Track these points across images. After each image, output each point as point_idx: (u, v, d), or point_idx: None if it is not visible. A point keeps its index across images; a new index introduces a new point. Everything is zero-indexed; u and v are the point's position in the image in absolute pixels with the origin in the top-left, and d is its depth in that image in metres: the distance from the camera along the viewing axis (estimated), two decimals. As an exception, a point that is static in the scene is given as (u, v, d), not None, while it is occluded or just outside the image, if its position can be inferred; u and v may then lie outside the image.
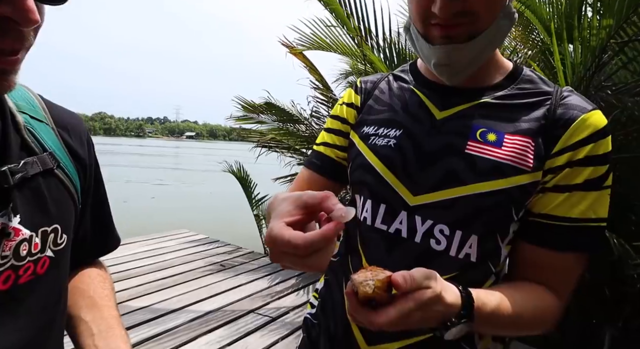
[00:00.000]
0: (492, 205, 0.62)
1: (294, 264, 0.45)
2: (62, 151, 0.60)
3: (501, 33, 0.63)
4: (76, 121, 0.66)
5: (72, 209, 0.60)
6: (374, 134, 0.73)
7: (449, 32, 0.60)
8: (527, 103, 0.66)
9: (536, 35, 3.34)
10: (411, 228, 0.66)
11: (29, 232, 0.51)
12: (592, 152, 0.60)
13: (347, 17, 2.72)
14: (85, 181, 0.65)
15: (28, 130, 0.55)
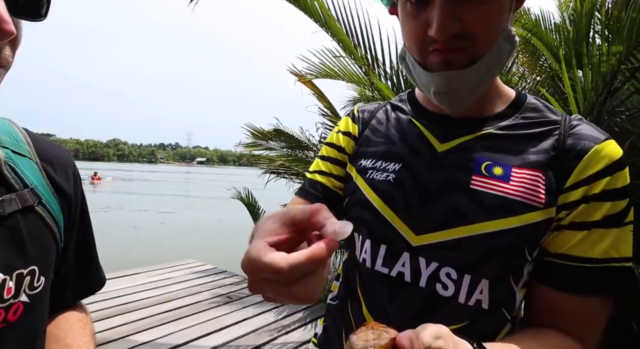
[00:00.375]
0: (502, 246, 0.56)
1: (277, 294, 0.36)
2: (46, 186, 0.57)
3: (503, 57, 0.59)
4: (62, 154, 0.64)
5: (52, 249, 0.57)
6: (371, 167, 0.69)
7: (448, 57, 0.56)
8: (534, 133, 0.61)
9: (544, 61, 3.35)
10: (415, 271, 0.60)
11: (2, 276, 0.48)
12: (610, 186, 0.55)
13: (355, 47, 2.76)
14: (70, 217, 0.62)
15: (9, 165, 0.53)
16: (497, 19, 0.55)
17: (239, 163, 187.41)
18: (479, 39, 0.55)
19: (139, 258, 5.34)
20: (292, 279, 0.34)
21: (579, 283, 0.56)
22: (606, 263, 0.55)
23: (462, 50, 0.56)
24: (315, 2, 2.63)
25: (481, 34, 0.55)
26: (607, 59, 1.81)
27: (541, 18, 3.38)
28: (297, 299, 0.36)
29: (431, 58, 0.58)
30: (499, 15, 0.55)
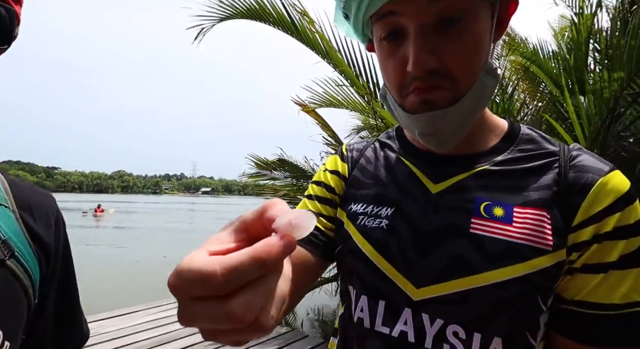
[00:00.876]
0: (512, 297, 0.50)
1: (211, 318, 0.26)
2: (21, 236, 0.53)
3: (486, 92, 0.55)
4: (42, 200, 0.60)
5: (23, 308, 0.52)
6: (362, 213, 0.63)
7: (428, 96, 0.52)
8: (532, 167, 0.56)
9: (544, 87, 3.39)
10: (419, 329, 0.54)
11: None
12: (622, 223, 0.49)
13: (357, 77, 2.82)
14: (48, 268, 0.57)
15: None
16: (475, 53, 0.52)
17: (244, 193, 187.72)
18: (458, 75, 0.51)
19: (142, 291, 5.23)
20: (228, 288, 0.25)
21: (602, 333, 0.50)
22: (630, 308, 0.49)
23: (443, 89, 0.52)
24: (316, 35, 2.72)
25: (460, 69, 0.51)
26: (608, 85, 1.83)
27: (539, 47, 3.46)
28: (236, 321, 0.25)
29: (410, 99, 0.54)
30: (477, 48, 0.52)
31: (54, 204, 0.61)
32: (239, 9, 2.73)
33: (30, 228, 0.54)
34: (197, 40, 2.79)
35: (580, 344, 0.51)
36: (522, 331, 0.52)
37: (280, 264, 0.28)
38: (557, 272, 0.51)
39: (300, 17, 2.68)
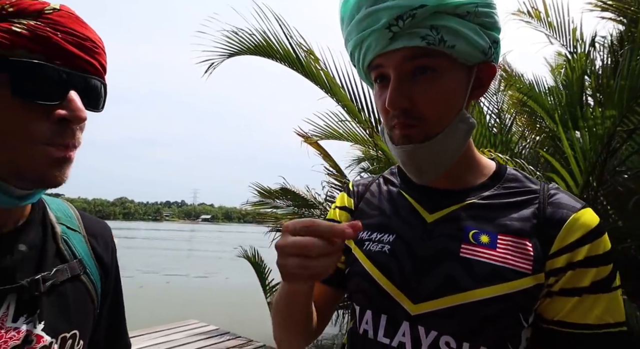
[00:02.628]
0: (497, 312, 0.57)
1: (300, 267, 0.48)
2: (90, 257, 0.64)
3: (458, 137, 0.63)
4: (103, 227, 0.72)
5: (91, 314, 0.63)
6: (368, 239, 0.71)
7: (406, 131, 0.61)
8: (515, 202, 0.65)
9: (542, 121, 3.48)
10: (415, 340, 0.61)
11: (50, 339, 0.54)
12: (592, 253, 0.57)
13: (359, 111, 2.91)
14: (106, 284, 0.68)
15: (63, 239, 0.61)
16: (446, 99, 0.60)
17: (243, 220, 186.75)
18: (428, 116, 0.59)
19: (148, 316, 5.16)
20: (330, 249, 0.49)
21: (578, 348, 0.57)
22: (603, 329, 0.56)
23: (415, 127, 0.60)
24: (321, 72, 2.84)
25: (429, 111, 0.59)
26: (602, 121, 1.89)
27: (535, 82, 3.58)
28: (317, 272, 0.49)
29: (395, 132, 0.63)
30: (448, 96, 0.60)
31: (110, 232, 0.73)
32: (248, 46, 2.86)
33: (96, 251, 0.66)
34: (207, 73, 2.90)
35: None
36: (505, 343, 0.59)
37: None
38: (536, 293, 0.58)
39: (306, 55, 2.80)
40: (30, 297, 0.53)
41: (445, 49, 0.57)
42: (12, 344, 0.50)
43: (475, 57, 0.60)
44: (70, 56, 0.49)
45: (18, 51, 0.46)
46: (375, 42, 0.58)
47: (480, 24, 0.58)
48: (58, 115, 0.48)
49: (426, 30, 0.56)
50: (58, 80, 0.48)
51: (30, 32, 0.46)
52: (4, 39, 0.45)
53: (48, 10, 0.48)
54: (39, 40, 0.47)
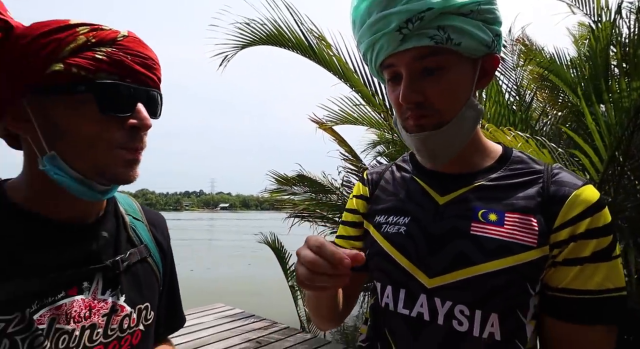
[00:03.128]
0: (505, 283, 0.63)
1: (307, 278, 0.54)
2: (152, 243, 0.76)
3: (468, 122, 0.68)
4: (161, 219, 0.83)
5: (157, 290, 0.74)
6: (385, 222, 0.78)
7: (418, 121, 0.66)
8: (521, 182, 0.70)
9: (564, 96, 3.36)
10: (432, 310, 0.68)
11: (130, 309, 0.65)
12: (592, 226, 0.62)
13: (372, 96, 2.87)
14: (165, 266, 0.78)
15: (131, 228, 0.72)
16: (455, 91, 0.65)
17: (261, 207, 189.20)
18: (439, 107, 0.65)
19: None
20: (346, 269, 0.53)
21: (582, 313, 0.62)
22: (604, 294, 0.62)
23: (428, 116, 0.66)
24: (333, 58, 2.80)
25: (441, 102, 0.65)
26: (628, 94, 1.82)
27: (556, 56, 3.44)
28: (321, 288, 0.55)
29: (408, 122, 0.68)
30: (456, 88, 0.65)
31: (165, 222, 0.84)
32: (260, 36, 2.85)
33: (156, 238, 0.78)
34: (221, 66, 2.91)
35: (565, 322, 0.64)
36: (514, 310, 0.65)
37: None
38: (541, 264, 0.64)
39: (318, 41, 2.77)
40: (113, 275, 0.63)
41: (452, 46, 0.62)
42: (103, 312, 0.61)
43: (480, 51, 0.64)
44: (137, 74, 0.58)
45: (100, 74, 0.55)
46: (387, 43, 0.63)
47: (482, 20, 0.63)
48: (130, 124, 0.58)
49: (434, 30, 0.60)
50: (129, 95, 0.58)
51: (108, 57, 0.55)
52: (90, 65, 0.54)
53: (120, 38, 0.57)
54: (115, 64, 0.56)
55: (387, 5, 0.61)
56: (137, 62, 0.58)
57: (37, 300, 0.55)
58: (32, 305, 0.54)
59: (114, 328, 0.62)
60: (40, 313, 0.55)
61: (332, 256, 0.53)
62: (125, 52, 0.57)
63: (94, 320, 0.60)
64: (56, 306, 0.56)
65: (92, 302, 0.60)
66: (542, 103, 3.65)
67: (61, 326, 0.56)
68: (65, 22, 0.55)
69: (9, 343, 0.51)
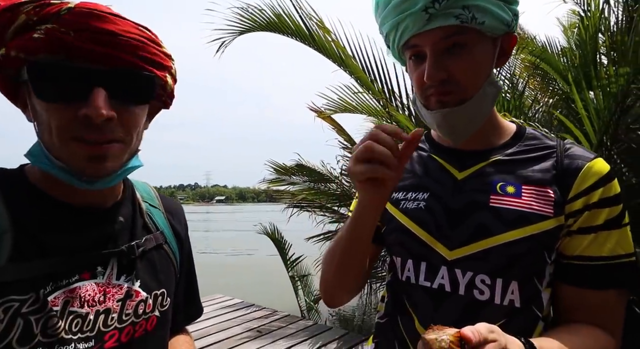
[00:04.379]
0: (524, 251, 0.67)
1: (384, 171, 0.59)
2: (168, 230, 0.75)
3: (489, 98, 0.71)
4: (178, 207, 0.83)
5: (173, 277, 0.73)
6: (403, 198, 0.80)
7: (442, 98, 0.69)
8: (536, 156, 0.73)
9: (555, 84, 3.45)
10: (454, 281, 0.70)
11: (145, 295, 0.65)
12: (605, 195, 0.67)
13: (372, 82, 2.93)
14: (182, 255, 0.78)
15: (147, 214, 0.72)
16: (477, 69, 0.68)
17: (257, 199, 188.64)
18: (463, 84, 0.67)
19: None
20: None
21: (595, 278, 0.66)
22: (615, 259, 0.66)
23: (452, 93, 0.68)
24: (332, 44, 2.84)
25: (465, 79, 0.67)
26: (615, 80, 1.90)
27: (547, 44, 3.52)
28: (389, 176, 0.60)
29: (430, 99, 0.71)
30: (479, 65, 0.68)
31: (183, 211, 0.84)
32: (259, 22, 2.87)
33: (173, 225, 0.77)
34: (218, 52, 2.94)
35: (579, 288, 0.68)
36: (532, 278, 0.69)
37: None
38: (557, 233, 0.68)
39: (317, 27, 2.80)
40: (128, 260, 0.63)
41: (476, 25, 0.64)
42: (117, 297, 0.61)
43: (500, 30, 0.67)
44: (89, 53, 0.50)
45: (40, 56, 0.49)
46: (413, 23, 0.65)
47: (503, 0, 0.65)
48: (81, 113, 0.50)
49: (459, 10, 0.63)
50: (77, 78, 0.50)
51: (46, 35, 0.48)
52: (27, 46, 0.49)
53: (63, 11, 0.49)
54: (55, 43, 0.49)
55: None
56: (87, 39, 0.49)
57: (51, 282, 0.54)
58: (47, 287, 0.53)
59: (129, 313, 0.61)
60: (55, 295, 0.54)
61: (387, 140, 0.59)
62: (69, 28, 0.49)
63: (108, 305, 0.59)
64: (70, 289, 0.55)
65: (107, 287, 0.60)
66: (534, 91, 3.74)
67: (75, 309, 0.55)
68: (13, 1, 0.49)
69: (23, 322, 0.50)
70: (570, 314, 0.70)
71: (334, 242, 0.80)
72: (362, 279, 0.86)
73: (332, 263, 0.80)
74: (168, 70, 0.61)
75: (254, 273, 9.99)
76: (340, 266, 0.79)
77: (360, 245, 0.75)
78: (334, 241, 0.80)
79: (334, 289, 0.85)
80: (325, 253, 0.84)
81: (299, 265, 5.04)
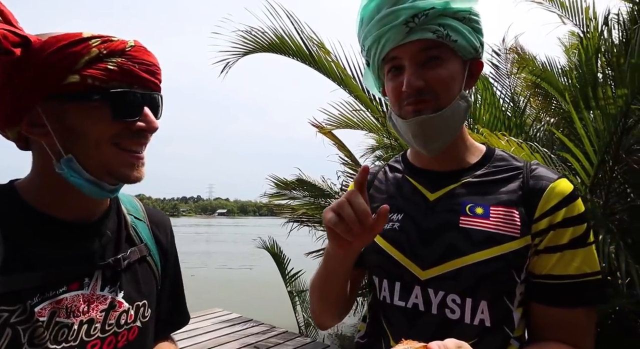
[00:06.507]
0: (492, 271, 0.69)
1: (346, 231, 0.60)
2: (152, 241, 0.78)
3: (461, 111, 0.75)
4: (162, 217, 0.85)
5: (154, 289, 0.76)
6: None
7: (418, 106, 0.72)
8: (503, 178, 0.76)
9: (556, 104, 3.46)
10: (426, 301, 0.72)
11: (128, 305, 0.67)
12: (568, 215, 0.69)
13: (370, 101, 2.96)
14: (166, 264, 0.80)
15: (132, 227, 0.75)
16: (451, 81, 0.72)
17: (259, 213, 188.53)
18: (439, 93, 0.71)
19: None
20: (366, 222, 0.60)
21: (564, 296, 0.68)
22: (582, 278, 0.68)
23: (428, 102, 0.72)
24: (332, 64, 2.89)
25: (440, 88, 0.71)
26: (614, 101, 1.91)
27: (548, 64, 3.55)
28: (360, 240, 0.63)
29: (406, 109, 0.74)
30: (453, 78, 0.72)
31: (169, 222, 0.86)
32: (262, 44, 2.94)
33: (156, 236, 0.80)
34: (223, 72, 2.99)
35: (549, 306, 0.70)
36: (501, 298, 0.71)
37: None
38: (525, 253, 0.70)
39: (317, 48, 2.86)
40: (113, 272, 0.66)
41: (449, 42, 0.70)
42: (101, 307, 0.64)
43: (469, 53, 0.73)
44: (144, 81, 0.62)
45: (112, 83, 0.59)
46: (394, 36, 0.70)
47: (471, 27, 0.72)
48: (138, 127, 0.62)
49: (436, 26, 0.69)
50: (137, 101, 0.62)
51: (119, 68, 0.60)
52: (103, 76, 0.59)
53: (128, 48, 0.61)
54: (125, 73, 0.60)
55: (396, 2, 0.69)
56: (143, 70, 0.62)
57: (38, 293, 0.57)
58: (34, 298, 0.57)
59: (112, 324, 0.64)
60: (42, 306, 0.57)
61: (360, 206, 0.60)
62: (133, 61, 0.61)
63: (92, 315, 0.62)
64: (57, 300, 0.59)
65: (91, 297, 0.62)
66: (535, 109, 3.75)
67: (61, 319, 0.59)
68: (78, 36, 0.58)
69: (12, 332, 0.54)
70: (542, 332, 0.72)
71: (315, 273, 0.83)
72: (346, 305, 0.88)
73: (315, 293, 0.85)
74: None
75: (253, 287, 9.90)
76: (321, 296, 0.84)
77: (337, 278, 0.77)
78: (316, 272, 0.83)
79: (320, 316, 0.89)
80: (310, 283, 0.87)
81: (297, 280, 4.98)
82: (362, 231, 0.61)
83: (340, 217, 0.61)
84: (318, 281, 0.82)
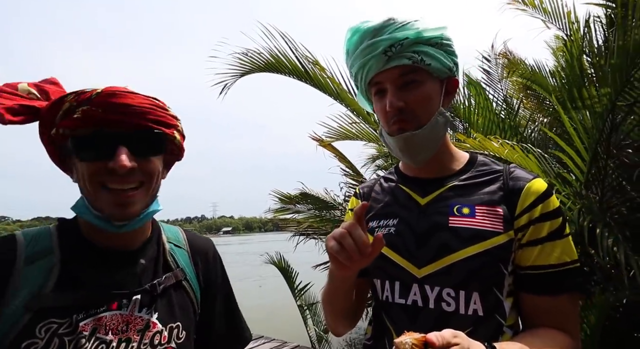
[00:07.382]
0: (481, 265, 0.76)
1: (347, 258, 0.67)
2: (190, 268, 0.84)
3: (440, 126, 0.84)
4: (204, 243, 0.91)
5: (191, 312, 0.81)
6: (377, 226, 0.91)
7: (401, 125, 0.82)
8: (486, 180, 0.85)
9: (549, 103, 3.55)
10: (424, 297, 0.79)
11: (161, 327, 0.73)
12: (544, 210, 0.77)
13: (367, 114, 3.05)
14: (208, 291, 0.86)
15: (170, 253, 0.82)
16: (428, 100, 0.82)
17: (264, 229, 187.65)
18: (418, 112, 0.81)
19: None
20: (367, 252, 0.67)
21: (548, 285, 0.76)
22: (563, 266, 0.75)
23: (409, 121, 0.81)
24: (328, 81, 2.99)
25: (418, 108, 0.81)
26: (599, 99, 1.99)
27: (536, 66, 3.65)
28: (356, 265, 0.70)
29: (392, 127, 0.83)
30: (430, 98, 0.82)
31: (213, 246, 0.93)
32: (258, 64, 3.06)
33: (197, 263, 0.86)
34: (221, 94, 3.10)
35: (536, 295, 0.77)
36: (491, 289, 0.78)
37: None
38: (509, 247, 0.78)
39: (313, 66, 2.97)
40: (150, 296, 0.73)
41: (424, 66, 0.80)
42: (138, 328, 0.70)
43: (444, 73, 0.83)
44: (115, 122, 0.66)
45: (79, 130, 0.66)
46: (375, 64, 0.80)
47: (445, 51, 0.82)
48: (109, 167, 0.65)
49: (411, 53, 0.79)
50: (107, 142, 0.66)
51: (82, 115, 0.65)
52: (70, 125, 0.65)
53: (93, 96, 0.65)
54: (89, 119, 0.65)
55: (375, 35, 0.79)
56: (113, 112, 0.65)
57: (84, 310, 0.66)
58: (80, 314, 0.65)
59: (146, 343, 0.70)
60: (85, 322, 0.65)
61: (360, 238, 0.67)
62: (98, 107, 0.64)
63: (129, 335, 0.68)
64: (98, 317, 0.66)
65: (129, 318, 0.69)
66: (529, 111, 3.84)
67: (100, 335, 0.66)
68: (63, 93, 0.68)
69: (59, 341, 0.62)
70: (532, 319, 0.78)
71: (324, 289, 0.90)
72: (355, 314, 0.97)
73: (326, 307, 0.93)
74: (175, 128, 0.75)
75: (262, 303, 9.86)
76: (332, 309, 0.92)
77: (342, 293, 0.86)
78: (324, 288, 0.91)
79: (334, 326, 0.97)
80: (320, 297, 0.95)
81: (307, 293, 5.00)
82: (361, 258, 0.68)
83: (341, 246, 0.68)
84: (326, 296, 0.89)
